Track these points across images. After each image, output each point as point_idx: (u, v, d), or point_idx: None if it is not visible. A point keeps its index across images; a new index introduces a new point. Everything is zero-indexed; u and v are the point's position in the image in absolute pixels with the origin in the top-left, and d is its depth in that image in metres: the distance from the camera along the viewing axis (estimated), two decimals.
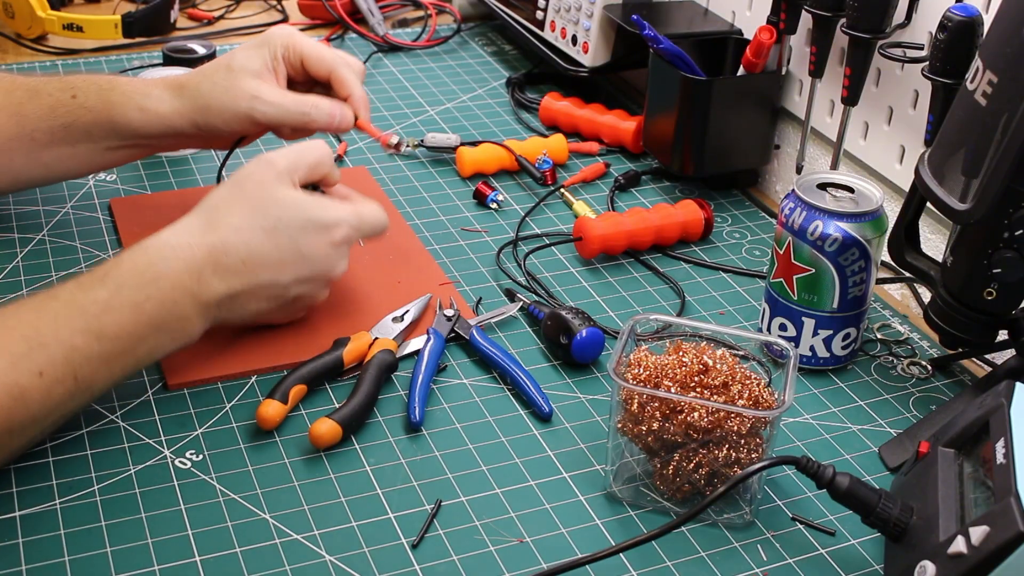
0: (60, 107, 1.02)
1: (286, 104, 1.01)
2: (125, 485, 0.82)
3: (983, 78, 0.80)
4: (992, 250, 0.84)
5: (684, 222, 1.14)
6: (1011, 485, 0.68)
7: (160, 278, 0.84)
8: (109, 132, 1.03)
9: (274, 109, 1.01)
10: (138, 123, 1.02)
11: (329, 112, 1.02)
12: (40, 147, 1.02)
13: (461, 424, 0.90)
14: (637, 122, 1.30)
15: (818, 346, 0.96)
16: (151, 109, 1.02)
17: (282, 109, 1.01)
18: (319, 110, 1.02)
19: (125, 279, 0.83)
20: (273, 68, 1.03)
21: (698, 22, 1.31)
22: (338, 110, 1.03)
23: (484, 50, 1.57)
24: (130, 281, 0.83)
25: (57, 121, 1.02)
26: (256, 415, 0.87)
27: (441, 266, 1.09)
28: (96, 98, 1.02)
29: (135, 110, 1.02)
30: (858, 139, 1.14)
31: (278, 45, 1.03)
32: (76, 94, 1.02)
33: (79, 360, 0.79)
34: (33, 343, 0.78)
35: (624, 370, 0.83)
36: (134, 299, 0.82)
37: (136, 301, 0.82)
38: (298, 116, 1.02)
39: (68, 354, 0.79)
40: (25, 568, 0.75)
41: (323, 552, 0.78)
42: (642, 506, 0.84)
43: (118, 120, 1.02)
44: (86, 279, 0.83)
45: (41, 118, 1.02)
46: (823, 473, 0.77)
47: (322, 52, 1.04)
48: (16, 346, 0.77)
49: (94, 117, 1.02)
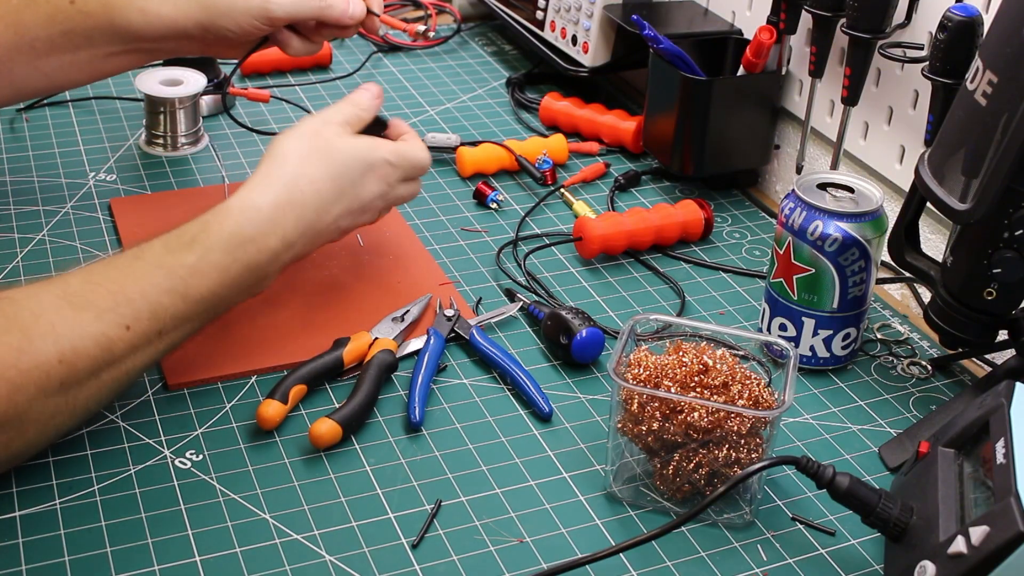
0: (59, 14, 1.01)
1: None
2: (125, 485, 0.82)
3: (983, 78, 0.80)
4: (992, 250, 0.84)
5: (684, 222, 1.14)
6: (1011, 485, 0.68)
7: (247, 242, 0.86)
8: (110, 37, 1.02)
9: (289, 0, 1.02)
10: (139, 25, 1.01)
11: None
12: (40, 55, 1.01)
13: (461, 424, 0.90)
14: (637, 122, 1.30)
15: (818, 346, 0.96)
16: (152, 10, 1.01)
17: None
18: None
19: (212, 243, 0.85)
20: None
21: (698, 22, 1.31)
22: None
23: (484, 50, 1.57)
24: (217, 246, 0.85)
25: (56, 28, 1.01)
26: (256, 415, 0.87)
27: (441, 266, 1.09)
28: (95, 2, 1.01)
29: (136, 12, 1.01)
30: (858, 139, 1.14)
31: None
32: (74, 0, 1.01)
33: (165, 318, 0.82)
34: (119, 298, 0.80)
35: (624, 370, 0.83)
36: (221, 263, 0.85)
37: (223, 265, 0.85)
38: (314, 4, 1.02)
39: (154, 311, 0.81)
40: (25, 568, 0.75)
41: (323, 552, 0.78)
42: (642, 506, 0.84)
43: (119, 23, 1.01)
44: (173, 242, 0.85)
45: (40, 26, 1.01)
46: (823, 473, 0.77)
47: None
48: (102, 300, 0.79)
49: (94, 22, 1.01)
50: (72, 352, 0.77)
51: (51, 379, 0.76)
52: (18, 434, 0.76)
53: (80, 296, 0.79)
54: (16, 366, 0.74)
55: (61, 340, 0.77)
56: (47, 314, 0.77)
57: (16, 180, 1.18)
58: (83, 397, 0.79)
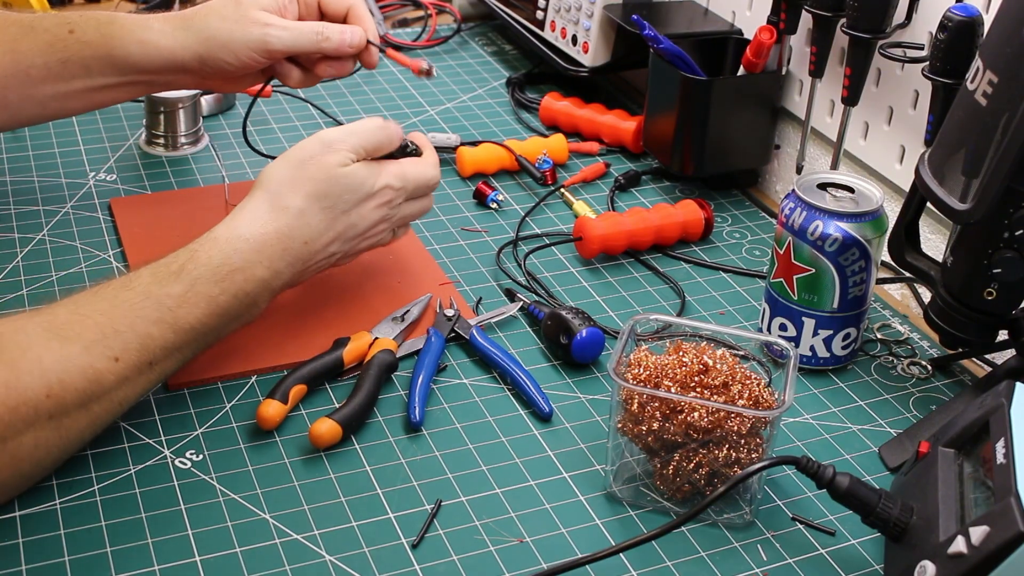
0: (57, 42, 1.00)
1: (300, 26, 1.02)
2: (125, 485, 0.82)
3: (983, 78, 0.80)
4: (992, 250, 0.84)
5: (684, 222, 1.14)
6: (1011, 485, 0.68)
7: (235, 272, 0.86)
8: (108, 67, 1.01)
9: (288, 33, 1.01)
10: (138, 56, 1.01)
11: (340, 30, 1.03)
12: (36, 83, 1.01)
13: (461, 424, 0.90)
14: (637, 122, 1.30)
15: (818, 346, 0.96)
16: (152, 42, 1.01)
17: (296, 32, 1.02)
18: (331, 29, 1.03)
19: (200, 274, 0.85)
20: (283, 5, 1.03)
21: (698, 22, 1.31)
22: (348, 28, 1.04)
23: (484, 50, 1.57)
24: (205, 276, 0.85)
25: (54, 57, 1.00)
26: (256, 415, 0.87)
27: (441, 266, 1.09)
28: (95, 32, 1.01)
29: (135, 43, 1.01)
30: (858, 139, 1.14)
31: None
32: (74, 29, 1.01)
33: (154, 348, 0.82)
34: (107, 330, 0.80)
35: (624, 370, 0.83)
36: (209, 293, 0.85)
37: (211, 295, 0.85)
38: (312, 36, 1.02)
39: (144, 342, 0.81)
40: (25, 568, 0.75)
41: (323, 552, 0.78)
42: (642, 506, 0.84)
43: (117, 54, 1.01)
44: (161, 272, 0.84)
45: (37, 54, 1.00)
46: (823, 473, 0.77)
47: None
48: (90, 333, 0.79)
49: (92, 51, 1.01)
50: (60, 385, 0.76)
51: (39, 413, 0.76)
52: (11, 468, 0.76)
53: (67, 328, 0.79)
54: (4, 402, 0.74)
55: (48, 374, 0.76)
56: (34, 347, 0.77)
57: (16, 180, 1.18)
58: (75, 429, 0.79)
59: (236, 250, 0.87)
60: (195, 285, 0.84)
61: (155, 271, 0.85)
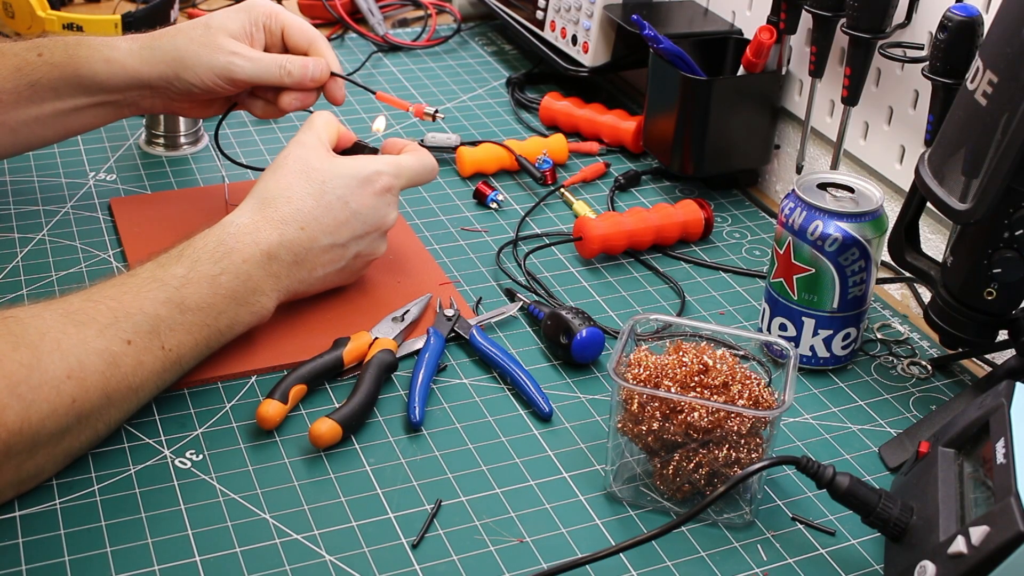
0: (26, 66, 1.02)
1: (264, 59, 1.04)
2: (125, 485, 0.82)
3: (983, 78, 0.80)
4: (992, 250, 0.84)
5: (684, 222, 1.14)
6: (1011, 485, 0.68)
7: (231, 252, 0.89)
8: (75, 88, 1.03)
9: (252, 64, 1.03)
10: (104, 75, 1.02)
11: (302, 63, 1.04)
12: (6, 108, 1.02)
13: (461, 424, 0.90)
14: (637, 122, 1.30)
15: (818, 346, 0.96)
16: (117, 60, 1.02)
17: (260, 64, 1.03)
18: (293, 63, 1.04)
19: (199, 255, 0.88)
20: (251, 34, 1.05)
21: (698, 22, 1.31)
22: (311, 61, 1.05)
23: (484, 50, 1.57)
24: (204, 256, 0.88)
25: (23, 80, 1.01)
26: (256, 415, 0.87)
27: (441, 266, 1.09)
28: (62, 54, 1.02)
29: (101, 61, 1.02)
30: (858, 139, 1.14)
31: (260, 13, 1.05)
32: (42, 52, 1.02)
33: (165, 329, 0.84)
34: (118, 313, 0.82)
35: (624, 370, 0.83)
36: (210, 272, 0.87)
37: (212, 274, 0.87)
38: (275, 70, 1.03)
39: (154, 323, 0.83)
40: (25, 568, 0.75)
41: (323, 552, 0.78)
42: (642, 506, 0.84)
43: (83, 73, 1.02)
44: (163, 258, 0.88)
45: (7, 79, 1.01)
46: (823, 473, 0.77)
47: (303, 23, 1.07)
48: (102, 316, 0.81)
49: (59, 72, 1.02)
50: (79, 367, 0.78)
51: (62, 395, 0.77)
52: (29, 455, 0.77)
53: (81, 313, 0.81)
54: (27, 382, 0.75)
55: (68, 356, 0.78)
56: (52, 331, 0.79)
57: (16, 180, 1.18)
58: (93, 417, 0.80)
59: (230, 234, 0.90)
60: (196, 266, 0.87)
61: (157, 259, 0.89)
